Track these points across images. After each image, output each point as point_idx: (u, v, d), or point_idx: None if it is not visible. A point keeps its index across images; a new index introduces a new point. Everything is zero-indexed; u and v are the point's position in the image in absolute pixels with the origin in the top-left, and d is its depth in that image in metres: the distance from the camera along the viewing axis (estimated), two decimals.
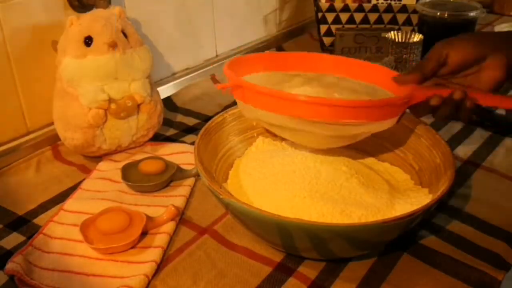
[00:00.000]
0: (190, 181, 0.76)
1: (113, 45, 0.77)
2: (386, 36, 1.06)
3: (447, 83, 0.62)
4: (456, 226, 0.66)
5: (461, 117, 0.59)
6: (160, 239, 0.64)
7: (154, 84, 0.86)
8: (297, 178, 0.62)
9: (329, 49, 1.27)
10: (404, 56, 1.03)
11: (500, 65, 0.58)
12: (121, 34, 0.79)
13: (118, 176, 0.76)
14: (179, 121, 0.96)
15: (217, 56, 1.21)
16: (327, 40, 1.28)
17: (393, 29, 1.11)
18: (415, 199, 0.62)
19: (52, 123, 0.84)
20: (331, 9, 1.23)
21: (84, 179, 0.78)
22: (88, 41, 0.77)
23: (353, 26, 1.24)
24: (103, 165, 0.81)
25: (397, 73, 0.66)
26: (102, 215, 0.65)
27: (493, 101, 0.59)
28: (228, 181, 0.69)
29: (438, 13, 1.09)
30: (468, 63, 0.60)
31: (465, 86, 0.61)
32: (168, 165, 0.77)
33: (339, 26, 1.24)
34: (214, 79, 0.65)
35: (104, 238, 0.63)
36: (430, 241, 0.64)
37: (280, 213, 0.53)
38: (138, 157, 0.81)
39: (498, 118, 0.93)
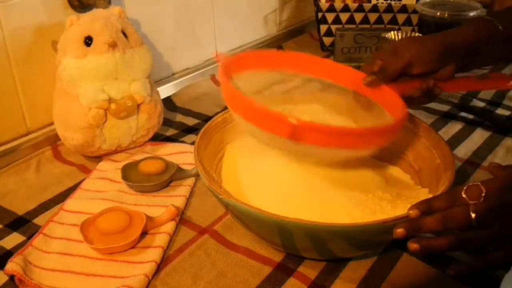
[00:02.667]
0: (190, 181, 0.76)
1: (113, 45, 0.77)
2: (386, 36, 1.06)
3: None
4: None
5: (427, 102, 0.70)
6: (160, 239, 0.64)
7: (154, 84, 0.86)
8: (297, 178, 0.62)
9: (329, 49, 1.28)
10: None
11: (450, 71, 0.68)
12: (121, 34, 0.79)
13: (118, 176, 0.76)
14: (179, 121, 0.96)
15: (217, 56, 1.21)
16: (327, 40, 1.28)
17: (393, 29, 1.11)
18: (415, 199, 0.62)
19: (52, 123, 0.84)
20: (331, 9, 1.23)
21: (84, 179, 0.78)
22: (88, 41, 0.77)
23: (353, 26, 1.24)
24: (103, 165, 0.81)
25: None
26: (102, 215, 0.65)
27: (454, 87, 0.70)
28: (222, 174, 0.68)
29: (438, 13, 1.09)
30: (426, 74, 0.68)
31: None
32: (168, 165, 0.77)
33: (339, 26, 1.24)
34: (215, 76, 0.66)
35: (104, 238, 0.63)
36: None
37: (280, 213, 0.53)
38: (138, 157, 0.81)
39: (498, 118, 0.93)
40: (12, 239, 0.66)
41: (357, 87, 0.69)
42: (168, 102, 1.00)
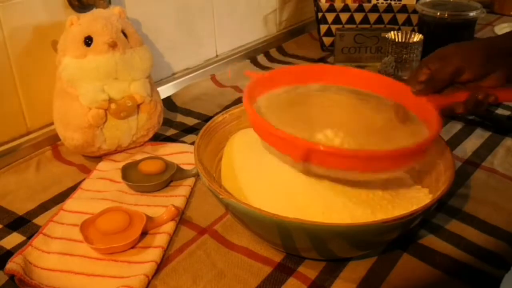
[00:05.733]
0: (190, 181, 0.76)
1: (113, 45, 0.77)
2: (386, 36, 1.06)
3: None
4: (456, 226, 0.66)
5: (478, 112, 0.64)
6: (160, 239, 0.64)
7: (154, 84, 0.86)
8: (296, 177, 0.62)
9: (329, 49, 1.28)
10: (404, 56, 1.03)
11: (501, 78, 0.63)
12: (121, 34, 0.79)
13: (118, 176, 0.76)
14: (179, 121, 0.96)
15: (217, 56, 1.21)
16: (327, 40, 1.28)
17: (393, 29, 1.11)
18: (415, 199, 0.62)
19: (52, 123, 0.84)
20: (331, 9, 1.23)
21: (84, 179, 0.78)
22: (88, 41, 0.77)
23: (353, 26, 1.24)
24: (103, 165, 0.81)
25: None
26: (102, 215, 0.65)
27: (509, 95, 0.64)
28: (221, 174, 0.68)
29: (438, 13, 1.09)
30: (476, 80, 0.63)
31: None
32: (168, 165, 0.77)
33: (339, 26, 1.24)
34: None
35: (104, 238, 0.63)
36: (430, 241, 0.64)
37: (280, 213, 0.53)
38: (138, 157, 0.81)
39: (498, 118, 0.93)
40: (12, 239, 0.66)
41: (396, 98, 0.66)
42: (168, 102, 1.00)
